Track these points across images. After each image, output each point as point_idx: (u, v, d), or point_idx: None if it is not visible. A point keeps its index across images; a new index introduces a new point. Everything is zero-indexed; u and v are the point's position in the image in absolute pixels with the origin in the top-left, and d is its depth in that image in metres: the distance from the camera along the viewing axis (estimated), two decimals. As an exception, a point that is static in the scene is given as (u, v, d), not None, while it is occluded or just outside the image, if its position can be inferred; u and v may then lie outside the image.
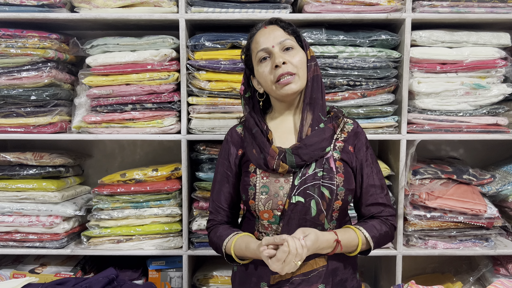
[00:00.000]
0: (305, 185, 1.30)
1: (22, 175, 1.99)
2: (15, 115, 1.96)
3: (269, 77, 1.34)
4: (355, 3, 1.88)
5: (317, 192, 1.29)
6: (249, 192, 1.35)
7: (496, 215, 1.92)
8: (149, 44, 1.94)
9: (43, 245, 1.98)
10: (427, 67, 1.92)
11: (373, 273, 2.42)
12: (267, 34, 1.35)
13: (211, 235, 1.45)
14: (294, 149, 1.32)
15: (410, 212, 1.94)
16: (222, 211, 1.46)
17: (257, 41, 1.36)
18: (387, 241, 1.41)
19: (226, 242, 1.36)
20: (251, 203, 1.35)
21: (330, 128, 1.36)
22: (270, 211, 1.33)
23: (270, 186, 1.33)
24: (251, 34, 1.41)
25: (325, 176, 1.31)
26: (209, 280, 2.07)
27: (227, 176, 1.44)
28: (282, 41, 1.34)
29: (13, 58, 1.91)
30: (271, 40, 1.34)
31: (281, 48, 1.34)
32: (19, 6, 1.90)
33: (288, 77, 1.31)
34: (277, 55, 1.32)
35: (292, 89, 1.32)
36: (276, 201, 1.32)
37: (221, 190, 1.45)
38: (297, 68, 1.33)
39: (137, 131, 1.95)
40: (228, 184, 1.44)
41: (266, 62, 1.35)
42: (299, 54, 1.35)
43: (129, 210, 1.98)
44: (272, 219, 1.33)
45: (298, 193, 1.30)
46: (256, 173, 1.36)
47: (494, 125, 1.94)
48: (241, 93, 1.47)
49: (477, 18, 1.89)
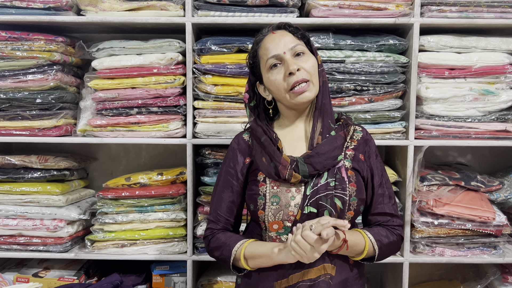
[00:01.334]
0: (318, 195, 1.27)
1: (26, 178, 1.98)
2: (20, 118, 1.95)
3: (282, 85, 1.29)
4: (363, 8, 1.87)
5: (330, 203, 1.26)
6: (258, 202, 1.30)
7: (505, 222, 1.90)
8: (155, 47, 1.93)
9: (47, 248, 1.97)
10: (435, 73, 1.90)
11: (379, 280, 2.39)
12: (277, 39, 1.31)
13: (211, 243, 1.38)
14: (306, 158, 1.28)
15: (418, 219, 1.92)
16: (223, 220, 1.39)
17: (266, 47, 1.31)
18: (393, 251, 1.36)
19: (238, 248, 1.30)
20: (260, 213, 1.30)
21: (341, 136, 1.33)
22: (280, 222, 1.29)
23: (281, 196, 1.28)
24: (258, 39, 1.36)
25: (338, 186, 1.27)
26: (214, 286, 2.05)
27: (231, 184, 1.39)
28: (293, 46, 1.29)
29: (19, 61, 1.91)
30: (281, 46, 1.29)
31: (293, 54, 1.29)
32: (26, 9, 1.90)
33: (303, 85, 1.27)
34: (290, 62, 1.27)
35: (308, 97, 1.28)
36: (287, 211, 1.28)
37: (223, 198, 1.39)
38: (311, 74, 1.29)
39: (143, 135, 1.94)
40: (232, 193, 1.39)
41: (278, 69, 1.30)
42: (310, 60, 1.31)
43: (134, 214, 1.97)
44: (281, 230, 1.30)
45: (311, 204, 1.26)
46: (266, 182, 1.31)
47: (503, 132, 1.92)
48: (245, 102, 1.42)
49: (486, 23, 1.87)
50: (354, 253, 1.29)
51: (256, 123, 1.38)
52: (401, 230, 1.38)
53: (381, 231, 1.34)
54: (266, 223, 1.31)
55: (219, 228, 1.40)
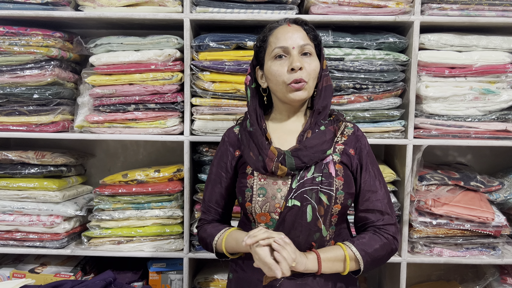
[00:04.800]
0: (303, 189, 1.27)
1: (23, 174, 1.98)
2: (17, 113, 1.94)
3: (283, 77, 1.29)
4: (363, 5, 1.85)
5: (315, 198, 1.26)
6: (245, 194, 1.32)
7: (504, 223, 1.88)
8: (153, 44, 1.92)
9: (43, 244, 1.97)
10: (435, 71, 1.88)
11: (377, 279, 2.38)
12: (290, 32, 1.30)
13: (200, 233, 1.43)
14: (294, 151, 1.29)
15: (416, 219, 1.91)
16: (214, 211, 1.44)
17: (277, 36, 1.31)
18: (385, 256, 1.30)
19: (218, 238, 1.35)
20: (248, 205, 1.32)
21: (330, 131, 1.33)
22: (267, 214, 1.30)
23: (268, 188, 1.30)
24: (271, 27, 1.35)
25: (324, 181, 1.27)
26: (210, 284, 2.04)
27: (221, 177, 1.41)
28: (303, 44, 1.29)
29: (16, 56, 1.90)
30: (292, 40, 1.29)
31: (300, 51, 1.29)
32: (23, 4, 1.89)
33: (300, 84, 1.28)
34: (296, 58, 1.27)
35: (301, 97, 1.30)
36: (273, 203, 1.29)
37: (214, 190, 1.43)
38: (309, 76, 1.29)
39: (140, 132, 1.93)
40: (221, 185, 1.42)
41: (282, 60, 1.30)
42: (314, 63, 1.31)
43: (130, 211, 1.97)
44: (269, 222, 1.30)
45: (295, 197, 1.27)
46: (254, 174, 1.33)
47: (503, 131, 1.90)
48: (246, 83, 1.42)
49: (487, 21, 1.85)
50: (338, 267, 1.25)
51: (255, 108, 1.38)
52: (393, 229, 1.32)
53: (364, 235, 1.29)
54: (253, 215, 1.32)
55: (209, 220, 1.44)
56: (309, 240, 1.27)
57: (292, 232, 1.26)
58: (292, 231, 1.26)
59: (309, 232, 1.27)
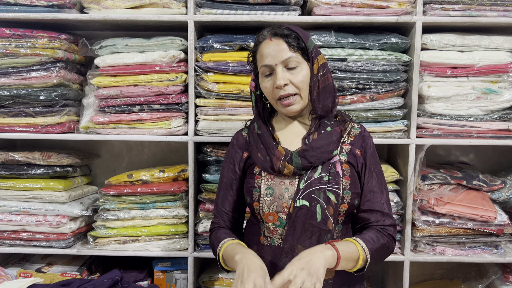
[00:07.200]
0: (310, 189, 1.28)
1: (30, 174, 2.00)
2: (23, 114, 1.97)
3: (271, 94, 1.33)
4: (365, 6, 1.86)
5: (323, 197, 1.27)
6: (253, 194, 1.34)
7: (507, 222, 1.89)
8: (158, 45, 1.94)
9: (49, 244, 1.99)
10: (438, 71, 1.89)
11: (380, 278, 2.39)
12: (271, 48, 1.30)
13: (211, 237, 1.44)
14: (301, 152, 1.31)
15: (419, 218, 1.92)
16: (226, 216, 1.44)
17: (262, 53, 1.32)
18: (384, 255, 1.33)
19: (220, 246, 1.34)
20: (255, 205, 1.33)
21: (337, 132, 1.34)
22: (275, 213, 1.31)
23: (275, 188, 1.31)
24: (257, 41, 1.36)
25: (331, 180, 1.28)
26: (215, 283, 2.06)
27: (231, 180, 1.43)
28: (285, 59, 1.29)
29: (22, 58, 1.92)
30: (275, 57, 1.29)
31: (284, 65, 1.30)
32: (29, 7, 1.91)
33: (290, 99, 1.30)
34: (279, 76, 1.28)
35: (294, 110, 1.33)
36: (280, 203, 1.30)
37: (226, 194, 1.44)
38: (299, 88, 1.30)
39: (145, 132, 1.95)
40: (232, 189, 1.43)
41: (270, 77, 1.32)
42: (302, 73, 1.30)
43: (136, 211, 1.98)
44: (277, 222, 1.32)
45: (303, 197, 1.28)
46: (261, 175, 1.34)
47: (505, 131, 1.91)
48: (251, 90, 1.44)
49: (489, 22, 1.86)
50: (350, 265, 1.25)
51: (259, 114, 1.41)
52: (392, 230, 1.34)
53: (371, 235, 1.30)
54: (261, 214, 1.33)
55: (222, 224, 1.44)
56: (320, 241, 1.27)
57: (303, 234, 1.27)
58: (304, 233, 1.27)
59: (320, 233, 1.27)
